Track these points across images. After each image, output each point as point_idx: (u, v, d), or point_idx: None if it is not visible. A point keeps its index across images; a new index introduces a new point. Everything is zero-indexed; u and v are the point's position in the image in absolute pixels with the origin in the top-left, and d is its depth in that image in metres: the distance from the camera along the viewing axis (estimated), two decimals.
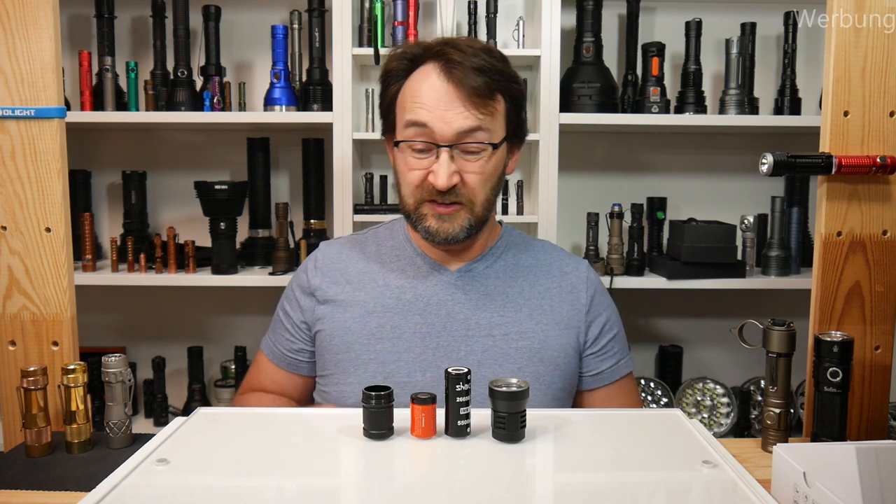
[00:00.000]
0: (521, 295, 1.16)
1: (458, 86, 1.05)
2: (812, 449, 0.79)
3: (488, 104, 1.07)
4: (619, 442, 0.88)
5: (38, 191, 1.09)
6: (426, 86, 1.07)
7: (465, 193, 1.08)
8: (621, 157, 2.17)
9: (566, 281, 1.19)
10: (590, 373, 1.18)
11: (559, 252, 1.25)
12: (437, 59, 1.07)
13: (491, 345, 1.12)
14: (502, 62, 1.10)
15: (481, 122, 1.06)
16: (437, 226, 1.10)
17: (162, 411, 2.09)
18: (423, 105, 1.06)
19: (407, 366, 1.11)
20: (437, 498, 0.73)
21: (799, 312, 1.55)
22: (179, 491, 0.74)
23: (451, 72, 1.05)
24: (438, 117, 1.05)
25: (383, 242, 1.22)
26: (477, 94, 1.05)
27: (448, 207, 1.09)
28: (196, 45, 1.99)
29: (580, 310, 1.18)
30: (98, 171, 2.13)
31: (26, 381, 0.99)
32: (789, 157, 1.02)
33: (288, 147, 2.12)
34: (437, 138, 1.06)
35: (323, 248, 1.25)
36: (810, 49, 2.09)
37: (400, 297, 1.15)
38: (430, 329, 1.13)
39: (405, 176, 1.11)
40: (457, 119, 1.05)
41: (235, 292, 2.15)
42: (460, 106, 1.05)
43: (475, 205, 1.10)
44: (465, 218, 1.10)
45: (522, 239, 1.25)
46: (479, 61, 1.06)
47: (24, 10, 1.07)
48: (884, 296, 1.06)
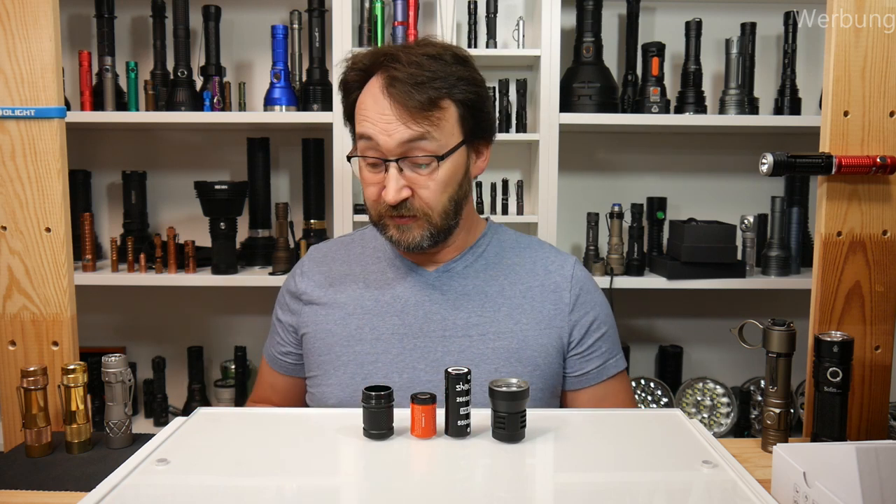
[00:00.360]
0: (500, 294, 1.14)
1: (395, 102, 1.03)
2: (812, 449, 0.79)
3: (431, 115, 1.04)
4: (619, 442, 0.88)
5: (38, 191, 1.09)
6: (370, 100, 1.06)
7: (418, 206, 1.07)
8: (621, 157, 2.17)
9: (550, 279, 1.16)
10: (575, 373, 1.15)
11: (546, 249, 1.22)
12: (380, 69, 1.06)
13: (468, 345, 1.10)
14: (455, 64, 1.07)
15: (425, 133, 1.04)
16: (398, 236, 1.09)
17: (162, 411, 2.09)
18: (368, 118, 1.05)
19: (384, 367, 1.10)
20: (437, 498, 0.73)
21: (799, 312, 1.55)
22: (179, 491, 0.74)
23: (390, 87, 1.04)
24: (381, 130, 1.04)
25: (368, 244, 1.22)
26: (418, 107, 1.03)
27: (405, 219, 1.08)
28: (196, 45, 1.99)
29: (563, 309, 1.14)
30: (98, 171, 2.13)
31: (26, 381, 0.99)
32: (789, 157, 1.02)
33: (288, 147, 2.12)
34: (384, 152, 1.05)
35: (310, 252, 1.25)
36: (810, 49, 2.09)
37: (378, 299, 1.15)
38: (408, 330, 1.12)
39: (365, 189, 1.10)
40: (398, 132, 1.03)
41: (235, 292, 2.15)
42: (398, 121, 1.03)
43: (431, 216, 1.08)
44: (424, 228, 1.08)
45: (508, 236, 1.23)
46: (421, 73, 1.03)
47: (24, 10, 1.07)
48: (884, 296, 1.06)
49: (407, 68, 1.04)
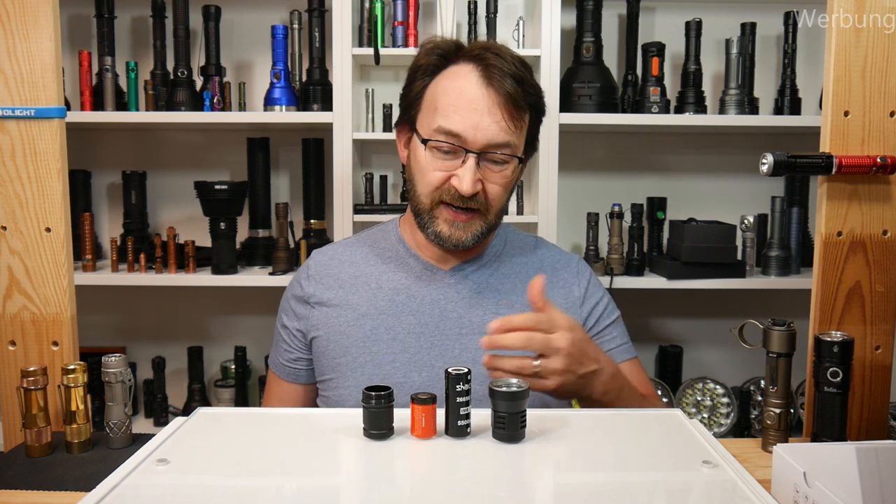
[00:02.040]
0: (513, 292, 1.17)
1: (497, 93, 1.03)
2: (812, 449, 0.79)
3: (521, 116, 1.06)
4: (619, 442, 0.88)
5: (38, 191, 1.09)
6: (463, 87, 1.05)
7: (483, 202, 1.08)
8: (621, 157, 2.17)
9: (558, 277, 1.20)
10: None
11: (552, 249, 1.26)
12: (476, 61, 1.06)
13: None
14: (531, 74, 1.10)
15: (513, 134, 1.06)
16: (448, 231, 1.09)
17: (162, 411, 2.09)
18: (459, 108, 1.04)
19: (403, 366, 1.11)
20: (437, 498, 0.73)
21: (799, 312, 1.55)
22: (179, 491, 0.74)
23: (491, 77, 1.04)
24: (472, 124, 1.04)
25: (376, 244, 1.22)
26: (514, 103, 1.04)
27: (465, 214, 1.09)
28: (196, 45, 1.99)
29: (574, 303, 1.18)
30: (98, 171, 2.13)
31: (26, 381, 0.99)
32: (789, 157, 1.02)
33: (288, 147, 2.12)
34: (468, 144, 1.05)
35: (314, 256, 1.24)
36: (810, 49, 2.09)
37: (393, 299, 1.15)
38: (424, 329, 1.13)
39: (425, 174, 1.09)
40: (491, 128, 1.04)
41: (235, 292, 2.15)
42: (497, 114, 1.04)
43: (490, 213, 1.10)
44: (479, 226, 1.10)
45: (516, 237, 1.26)
46: (516, 70, 1.05)
47: (24, 10, 1.07)
48: (884, 296, 1.06)
49: (506, 62, 1.04)
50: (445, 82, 1.08)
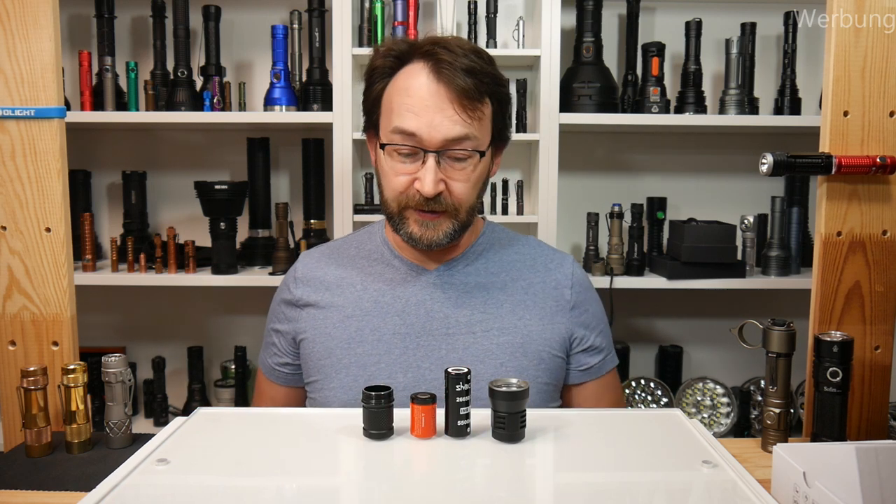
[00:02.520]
0: (502, 290, 1.15)
1: (448, 87, 1.02)
2: (812, 449, 0.79)
3: (477, 108, 1.04)
4: (619, 442, 0.88)
5: (38, 191, 1.09)
6: (414, 85, 1.04)
7: (449, 202, 1.06)
8: (621, 157, 2.17)
9: (550, 276, 1.18)
10: (579, 368, 1.17)
11: (543, 247, 1.24)
12: (426, 58, 1.04)
13: (472, 342, 1.10)
14: (490, 64, 1.08)
15: (469, 128, 1.03)
16: (420, 232, 1.08)
17: (162, 411, 2.09)
18: (411, 108, 1.03)
19: (388, 367, 1.10)
20: (437, 498, 0.73)
21: (799, 312, 1.55)
22: (179, 491, 0.74)
23: (440, 72, 1.02)
24: (427, 122, 1.02)
25: (362, 246, 1.21)
26: (467, 96, 1.02)
27: (432, 215, 1.07)
28: (196, 45, 1.99)
29: (564, 305, 1.16)
30: (98, 171, 2.13)
31: (26, 381, 1.00)
32: (789, 157, 1.02)
33: (288, 147, 2.12)
34: (425, 144, 1.03)
35: (302, 258, 1.24)
36: (810, 49, 2.09)
37: (378, 300, 1.14)
38: (410, 329, 1.12)
39: (389, 180, 1.08)
40: (445, 124, 1.02)
41: (235, 292, 2.15)
42: (449, 109, 1.02)
43: (459, 212, 1.08)
44: (449, 225, 1.08)
45: (505, 235, 1.24)
46: (468, 62, 1.03)
47: (24, 10, 1.07)
48: (884, 296, 1.06)
49: (454, 55, 1.03)
50: (399, 83, 1.07)
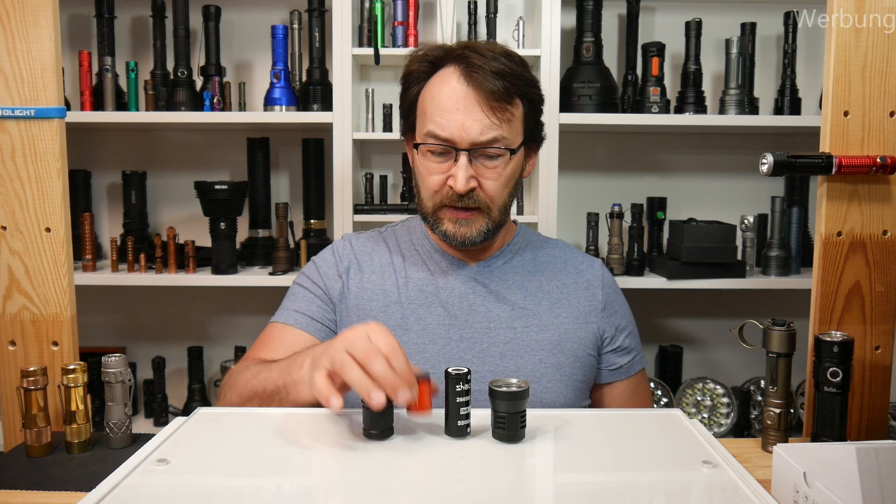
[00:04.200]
0: (539, 289, 1.19)
1: (478, 90, 1.05)
2: (812, 449, 0.79)
3: (507, 108, 1.07)
4: (619, 442, 0.88)
5: (38, 191, 1.09)
6: (446, 89, 1.08)
7: (482, 199, 1.10)
8: (621, 157, 2.17)
9: (582, 277, 1.22)
10: (609, 367, 1.21)
11: (574, 250, 1.28)
12: (458, 62, 1.08)
13: (512, 337, 1.14)
14: (522, 66, 1.11)
15: (499, 128, 1.07)
16: (454, 230, 1.11)
17: (162, 411, 2.09)
18: (443, 110, 1.07)
19: (432, 358, 1.12)
20: (437, 498, 0.73)
21: (799, 312, 1.55)
22: (179, 491, 0.74)
23: (470, 75, 1.06)
24: (458, 124, 1.06)
25: (402, 239, 1.24)
26: (496, 97, 1.06)
27: (466, 212, 1.10)
28: (196, 45, 1.99)
29: (596, 305, 1.20)
30: (98, 171, 2.13)
31: (26, 381, 0.99)
32: (789, 157, 1.02)
33: (288, 147, 2.12)
34: (457, 144, 1.07)
35: (346, 237, 1.26)
36: (810, 49, 2.09)
37: (422, 290, 1.17)
38: (454, 321, 1.14)
39: (424, 180, 1.12)
40: (475, 125, 1.06)
41: (235, 292, 2.15)
42: (479, 111, 1.06)
43: (492, 210, 1.11)
44: (483, 223, 1.11)
45: (538, 237, 1.29)
46: (498, 65, 1.07)
47: (24, 10, 1.07)
48: (884, 296, 1.06)
49: (485, 59, 1.07)
50: (432, 88, 1.10)
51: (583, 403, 1.18)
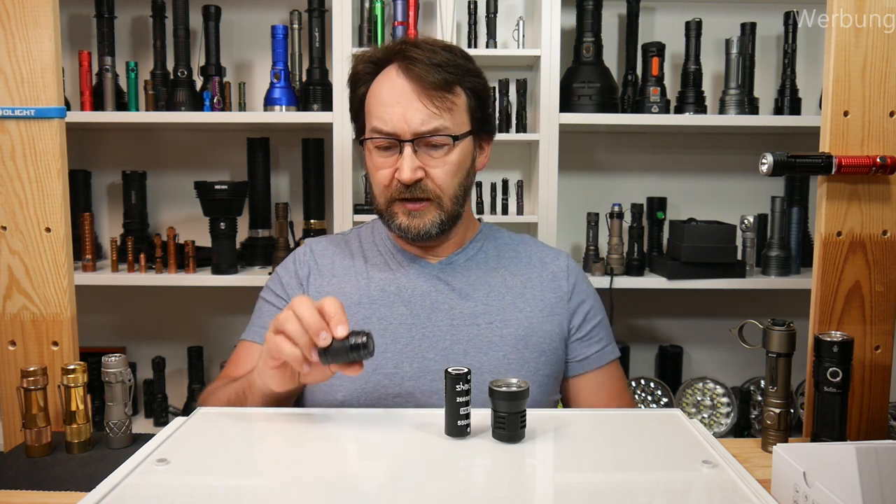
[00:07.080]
0: (503, 284, 1.18)
1: (417, 81, 1.08)
2: (812, 449, 0.79)
3: (447, 98, 1.09)
4: (619, 442, 0.88)
5: (38, 191, 1.09)
6: (387, 85, 1.10)
7: (431, 188, 1.11)
8: (621, 157, 2.17)
9: (546, 270, 1.22)
10: (576, 358, 1.19)
11: (538, 244, 1.28)
12: (398, 58, 1.10)
13: (476, 333, 1.13)
14: (463, 58, 1.13)
15: (440, 117, 1.08)
16: (407, 222, 1.12)
17: (162, 411, 2.09)
18: (385, 104, 1.09)
19: (394, 357, 1.12)
20: (437, 498, 0.73)
21: (799, 312, 1.55)
22: (179, 491, 0.74)
23: (409, 69, 1.08)
24: (399, 117, 1.08)
25: (365, 239, 1.25)
26: (434, 87, 1.08)
27: (417, 203, 1.11)
28: (196, 45, 1.99)
29: (562, 297, 1.19)
30: (98, 171, 2.13)
31: (26, 381, 0.99)
32: (789, 157, 1.02)
33: (288, 147, 2.12)
34: (399, 133, 1.08)
35: (308, 243, 1.26)
36: (810, 49, 2.09)
37: (384, 290, 1.17)
38: (416, 320, 1.14)
39: (374, 176, 1.14)
40: (416, 115, 1.07)
41: (235, 292, 2.15)
42: (417, 101, 1.08)
43: (443, 200, 1.12)
44: (435, 213, 1.12)
45: (501, 233, 1.28)
46: (437, 58, 1.09)
47: (24, 10, 1.07)
48: (884, 296, 1.06)
49: (424, 52, 1.09)
50: (375, 87, 1.13)
51: (551, 398, 1.17)
